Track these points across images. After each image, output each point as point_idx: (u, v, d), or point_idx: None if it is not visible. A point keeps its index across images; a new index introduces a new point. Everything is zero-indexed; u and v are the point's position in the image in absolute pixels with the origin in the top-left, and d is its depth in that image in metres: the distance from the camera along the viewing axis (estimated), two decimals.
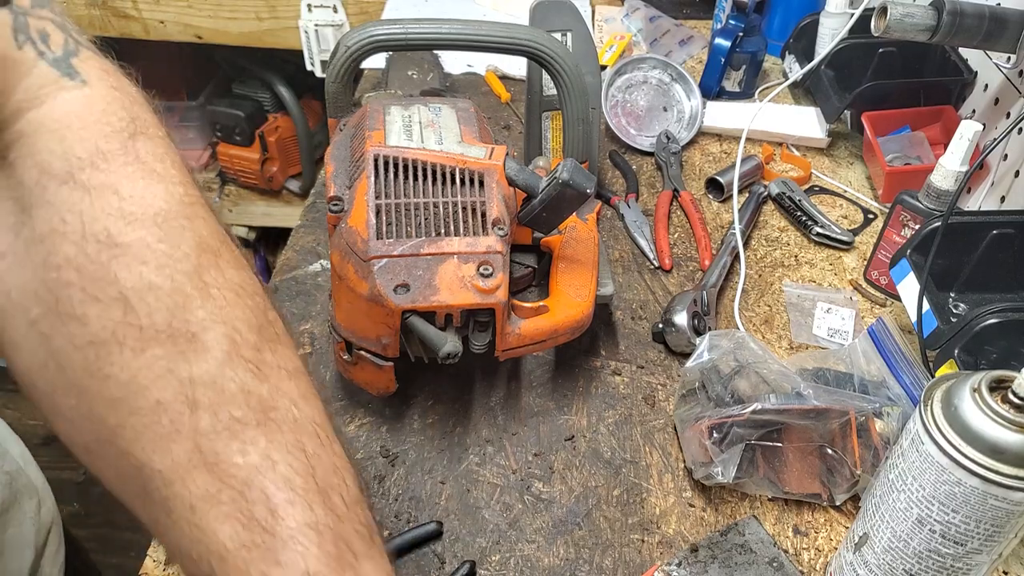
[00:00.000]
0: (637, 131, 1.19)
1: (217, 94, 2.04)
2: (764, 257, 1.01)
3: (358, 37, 0.78)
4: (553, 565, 0.68)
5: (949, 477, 0.53)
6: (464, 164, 0.73)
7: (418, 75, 1.12)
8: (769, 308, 0.94)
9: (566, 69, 0.82)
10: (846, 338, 0.89)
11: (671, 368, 0.85)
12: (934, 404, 0.54)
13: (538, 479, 0.74)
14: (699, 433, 0.72)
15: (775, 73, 1.36)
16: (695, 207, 1.06)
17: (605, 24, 1.47)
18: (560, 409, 0.80)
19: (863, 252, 1.02)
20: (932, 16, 0.91)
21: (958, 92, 1.12)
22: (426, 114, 0.79)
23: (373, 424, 0.78)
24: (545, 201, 0.73)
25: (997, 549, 0.55)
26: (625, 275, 0.97)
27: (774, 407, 0.71)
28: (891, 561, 0.59)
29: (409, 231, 0.70)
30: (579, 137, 0.87)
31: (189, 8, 1.73)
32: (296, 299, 0.91)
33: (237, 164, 2.03)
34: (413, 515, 0.70)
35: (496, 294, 0.68)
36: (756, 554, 0.68)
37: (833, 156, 1.20)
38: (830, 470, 0.72)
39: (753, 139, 1.18)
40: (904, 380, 0.77)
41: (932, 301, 0.78)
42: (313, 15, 1.71)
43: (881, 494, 0.59)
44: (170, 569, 0.66)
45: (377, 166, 0.72)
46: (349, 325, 0.71)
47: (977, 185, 1.02)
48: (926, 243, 0.81)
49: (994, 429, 0.50)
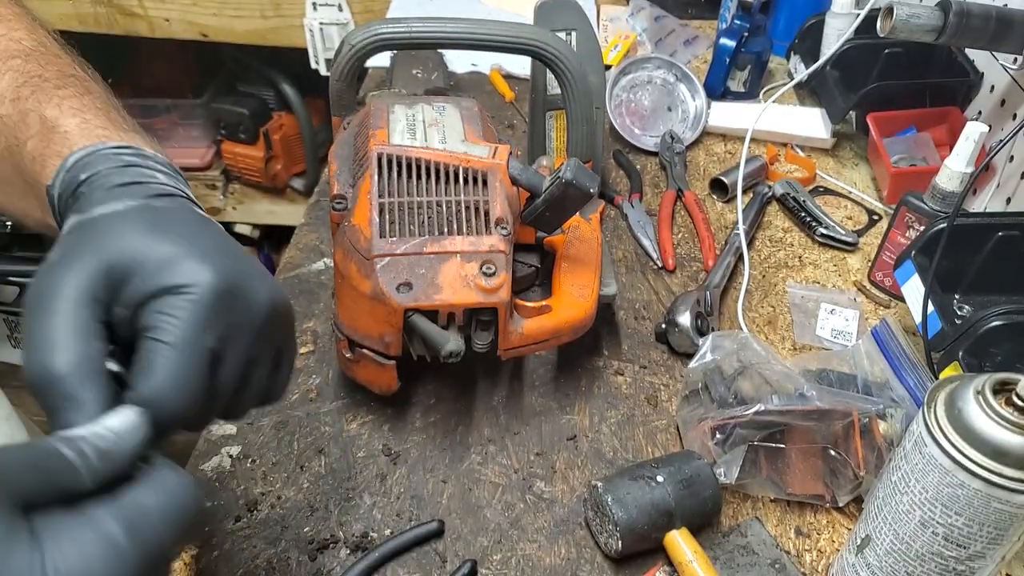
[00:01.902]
0: (641, 131, 1.19)
1: (222, 92, 2.04)
2: (768, 258, 1.01)
3: (363, 36, 0.78)
4: (554, 564, 0.68)
5: (952, 479, 0.52)
6: (468, 163, 0.73)
7: (422, 74, 1.12)
8: (773, 309, 0.94)
9: (570, 68, 0.82)
10: (850, 339, 0.89)
11: (674, 368, 0.85)
12: (938, 406, 0.54)
13: (540, 478, 0.74)
14: (702, 434, 0.72)
15: (780, 73, 1.36)
16: (699, 207, 1.05)
17: (610, 23, 1.47)
18: (562, 409, 0.80)
19: (867, 253, 1.02)
20: (938, 17, 0.90)
21: (964, 93, 1.11)
22: (430, 113, 0.79)
23: (375, 422, 0.78)
24: (548, 200, 0.73)
25: (1000, 552, 0.55)
26: (628, 275, 0.97)
27: (777, 408, 0.71)
28: (893, 563, 0.59)
29: (412, 230, 0.70)
30: (583, 136, 0.87)
31: (194, 6, 1.73)
32: (299, 297, 0.91)
33: (241, 162, 2.03)
34: (415, 514, 0.70)
35: (499, 293, 0.68)
36: (758, 555, 0.68)
37: (838, 157, 1.20)
38: (833, 472, 0.72)
39: (757, 139, 1.18)
40: (908, 382, 0.77)
41: (937, 303, 0.78)
42: (318, 13, 1.71)
43: (884, 496, 0.59)
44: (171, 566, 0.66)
45: (381, 165, 0.72)
46: (352, 323, 0.71)
47: (983, 187, 1.02)
48: (931, 245, 0.80)
49: (998, 432, 0.50)
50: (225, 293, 0.42)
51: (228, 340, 0.43)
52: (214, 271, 0.42)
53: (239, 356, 0.44)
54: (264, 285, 0.45)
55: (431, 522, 0.69)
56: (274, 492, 0.71)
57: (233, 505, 0.70)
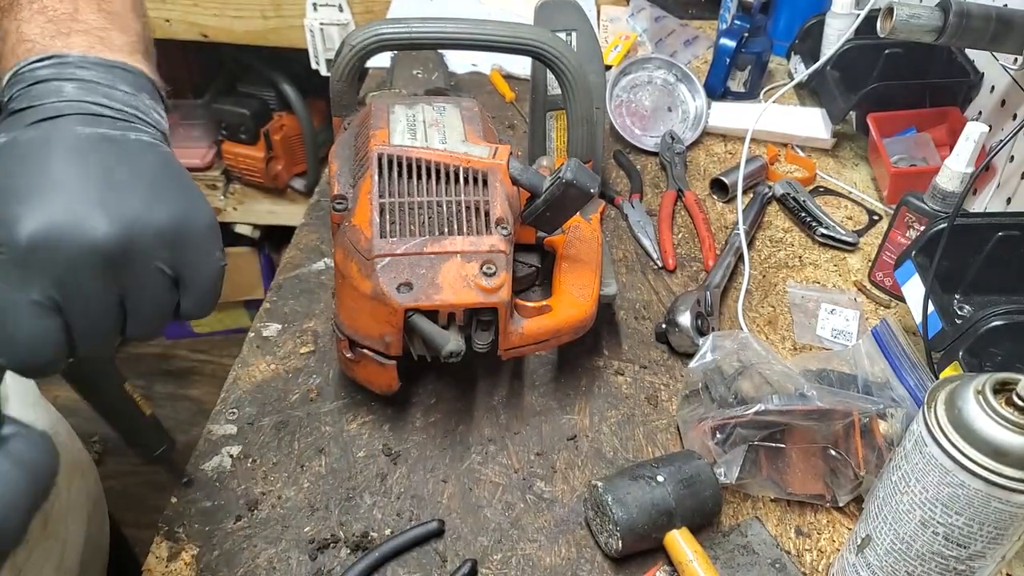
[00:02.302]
0: (642, 131, 1.19)
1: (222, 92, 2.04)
2: (768, 258, 1.01)
3: (363, 36, 0.78)
4: (555, 564, 0.68)
5: (952, 479, 0.53)
6: (468, 163, 0.73)
7: (423, 74, 1.12)
8: (773, 309, 0.94)
9: (570, 69, 0.82)
10: (850, 339, 0.89)
11: (674, 368, 0.85)
12: (938, 406, 0.54)
13: (540, 478, 0.74)
14: (702, 434, 0.72)
15: (780, 74, 1.36)
16: (699, 207, 1.05)
17: (610, 24, 1.47)
18: (562, 408, 0.80)
19: (867, 253, 1.02)
20: (938, 17, 0.90)
21: (964, 93, 1.11)
22: (430, 113, 0.79)
23: (375, 422, 0.78)
24: (549, 200, 0.73)
25: (1000, 552, 0.55)
26: (628, 275, 0.97)
27: (777, 408, 0.71)
28: (894, 563, 0.59)
29: (412, 230, 0.70)
30: (583, 137, 0.87)
31: (195, 6, 1.73)
32: (300, 297, 0.91)
33: (242, 162, 2.03)
34: (415, 513, 0.70)
35: (499, 293, 0.68)
36: (759, 555, 0.68)
37: (838, 157, 1.20)
38: (833, 471, 0.72)
39: (758, 140, 1.18)
40: (908, 382, 0.77)
41: (937, 303, 0.78)
42: (318, 14, 1.71)
43: (884, 496, 0.59)
44: (172, 566, 0.66)
45: (381, 165, 0.72)
46: (352, 323, 0.71)
47: (983, 187, 1.02)
48: (931, 245, 0.80)
49: (998, 431, 0.50)
50: (39, 243, 0.41)
51: (62, 286, 0.42)
52: (22, 223, 0.41)
53: (84, 299, 0.43)
54: (106, 217, 0.43)
55: (431, 522, 0.69)
56: (275, 492, 0.72)
57: (233, 505, 0.70)
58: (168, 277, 0.47)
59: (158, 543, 0.68)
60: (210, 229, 0.49)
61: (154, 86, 0.53)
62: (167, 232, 0.45)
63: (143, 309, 0.46)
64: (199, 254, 0.48)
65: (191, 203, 0.48)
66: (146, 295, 0.46)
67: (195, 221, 0.47)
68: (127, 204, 0.44)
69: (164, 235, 0.45)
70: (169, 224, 0.46)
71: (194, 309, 0.49)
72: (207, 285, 0.49)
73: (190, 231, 0.47)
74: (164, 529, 0.69)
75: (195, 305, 0.49)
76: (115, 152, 0.46)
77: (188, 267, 0.47)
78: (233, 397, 0.80)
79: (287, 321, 0.88)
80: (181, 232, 0.46)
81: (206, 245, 0.48)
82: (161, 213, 0.45)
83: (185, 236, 0.47)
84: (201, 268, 0.48)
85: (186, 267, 0.47)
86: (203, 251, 0.48)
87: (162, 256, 0.46)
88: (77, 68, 0.48)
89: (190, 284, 0.48)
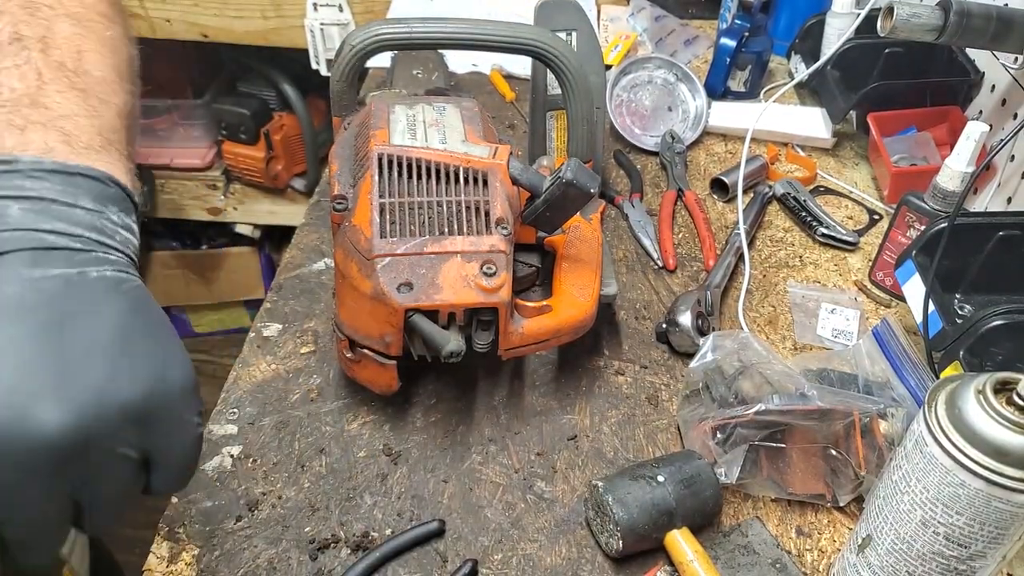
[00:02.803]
0: (642, 131, 1.19)
1: (222, 92, 2.04)
2: (768, 257, 1.01)
3: (363, 36, 0.78)
4: (555, 564, 0.68)
5: (953, 479, 0.52)
6: (468, 163, 0.73)
7: (423, 74, 1.12)
8: (773, 308, 0.94)
9: (570, 68, 0.82)
10: (850, 339, 0.89)
11: (675, 368, 0.85)
12: (938, 406, 0.54)
13: (541, 478, 0.74)
14: (703, 434, 0.72)
15: (781, 73, 1.36)
16: (699, 207, 1.05)
17: (610, 23, 1.47)
18: (563, 408, 0.80)
19: (868, 253, 1.01)
20: (939, 16, 0.90)
21: (965, 93, 1.11)
22: (430, 113, 0.79)
23: (376, 422, 0.78)
24: (549, 200, 0.73)
25: (1001, 551, 0.55)
26: (629, 275, 0.97)
27: (778, 408, 0.71)
28: (894, 563, 0.59)
29: (413, 230, 0.70)
30: (583, 136, 0.87)
31: (195, 6, 1.73)
32: (300, 297, 0.91)
33: (242, 162, 2.03)
34: (416, 513, 0.70)
35: (499, 293, 0.68)
36: (759, 555, 0.68)
37: (839, 156, 1.20)
38: (834, 471, 0.72)
39: (758, 139, 1.18)
40: (909, 381, 0.77)
41: (937, 302, 0.78)
42: (319, 14, 1.71)
43: (885, 496, 0.59)
44: (173, 567, 0.66)
45: (381, 165, 0.72)
46: (352, 323, 0.71)
47: (984, 186, 1.02)
48: (932, 244, 0.80)
49: (998, 431, 0.50)
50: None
51: (3, 486, 0.35)
52: None
53: (23, 507, 0.36)
54: (57, 404, 0.35)
55: (432, 522, 0.69)
56: (275, 492, 0.72)
57: (234, 505, 0.70)
58: (134, 461, 0.39)
59: (158, 543, 0.68)
60: (186, 392, 0.41)
61: (124, 191, 0.44)
62: (133, 408, 0.38)
63: (102, 503, 0.39)
64: (172, 426, 0.40)
65: (163, 361, 0.40)
66: (107, 488, 0.39)
67: (168, 386, 0.40)
68: (84, 380, 0.36)
69: (129, 413, 0.38)
70: (136, 397, 0.38)
71: (166, 487, 0.42)
72: (181, 461, 0.42)
73: (162, 400, 0.39)
74: (164, 529, 0.69)
75: (167, 483, 0.42)
76: (70, 305, 0.37)
77: (159, 444, 0.40)
78: (233, 397, 0.80)
79: (287, 321, 0.88)
80: (151, 404, 0.39)
81: (181, 414, 0.41)
82: (125, 385, 0.38)
83: (155, 408, 0.39)
84: (174, 443, 0.41)
85: (157, 444, 0.40)
86: (177, 422, 0.41)
87: (127, 439, 0.38)
88: (28, 178, 0.39)
89: (161, 461, 0.41)
